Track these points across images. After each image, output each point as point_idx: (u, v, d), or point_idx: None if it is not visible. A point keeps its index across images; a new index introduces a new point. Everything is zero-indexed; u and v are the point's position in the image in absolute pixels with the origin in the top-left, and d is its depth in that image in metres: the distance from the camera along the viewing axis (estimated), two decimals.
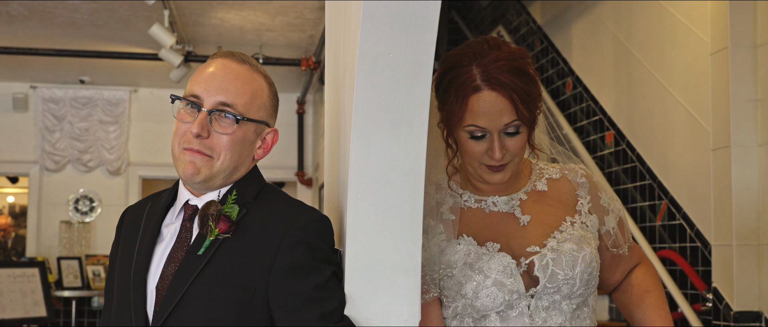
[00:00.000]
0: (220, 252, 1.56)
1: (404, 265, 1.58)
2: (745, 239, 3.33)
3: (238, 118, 1.58)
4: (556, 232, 1.74)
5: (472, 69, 1.68)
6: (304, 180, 8.62)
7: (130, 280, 1.61)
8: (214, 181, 1.61)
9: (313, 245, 1.55)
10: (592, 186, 1.84)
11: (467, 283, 1.69)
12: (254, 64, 1.65)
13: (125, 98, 8.44)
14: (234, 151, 1.59)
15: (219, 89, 1.58)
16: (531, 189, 1.81)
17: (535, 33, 5.66)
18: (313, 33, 6.50)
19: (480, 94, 1.66)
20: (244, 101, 1.59)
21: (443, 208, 1.77)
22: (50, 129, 8.28)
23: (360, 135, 1.57)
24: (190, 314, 1.53)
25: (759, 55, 3.37)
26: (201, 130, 1.57)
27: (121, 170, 8.41)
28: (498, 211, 1.77)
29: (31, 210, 8.32)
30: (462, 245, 1.72)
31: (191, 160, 1.58)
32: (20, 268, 6.75)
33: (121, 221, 1.77)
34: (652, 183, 4.07)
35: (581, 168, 1.87)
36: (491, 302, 1.67)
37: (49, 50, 6.77)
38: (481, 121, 1.67)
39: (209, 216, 1.56)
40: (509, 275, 1.68)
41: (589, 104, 4.82)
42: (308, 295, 1.52)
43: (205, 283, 1.54)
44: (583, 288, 1.72)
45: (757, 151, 3.36)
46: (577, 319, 1.74)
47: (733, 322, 3.32)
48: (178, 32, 6.25)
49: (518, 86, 1.66)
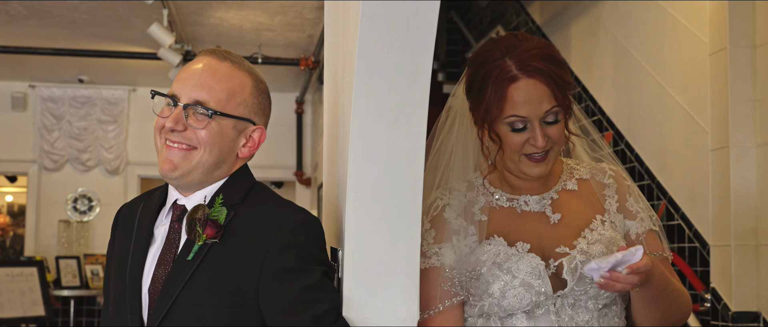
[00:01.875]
0: (209, 256, 1.55)
1: (402, 265, 1.58)
2: (744, 240, 3.33)
3: (211, 113, 1.58)
4: (586, 231, 1.73)
5: (505, 61, 1.68)
6: (303, 179, 8.62)
7: (125, 284, 1.61)
8: (193, 175, 1.60)
9: (302, 248, 1.55)
10: (621, 187, 1.83)
11: (495, 283, 1.68)
12: (237, 61, 1.65)
13: (124, 97, 8.43)
14: (213, 145, 1.59)
15: (195, 86, 1.59)
16: (561, 188, 1.80)
17: (534, 33, 5.66)
18: (312, 33, 6.49)
19: (518, 84, 1.67)
20: (218, 97, 1.59)
21: (475, 207, 1.76)
22: (49, 128, 8.27)
23: (359, 134, 1.57)
24: (182, 320, 1.54)
25: (758, 55, 3.37)
26: (175, 124, 1.58)
27: (119, 169, 8.40)
28: (529, 210, 1.77)
29: (29, 209, 8.31)
30: (492, 245, 1.71)
31: (168, 157, 1.60)
32: (19, 268, 6.75)
33: (115, 220, 1.77)
34: (651, 183, 4.07)
35: (611, 168, 1.86)
36: (518, 302, 1.67)
37: (48, 49, 6.77)
38: (522, 110, 1.67)
39: (196, 221, 1.56)
40: (537, 277, 1.67)
41: (587, 104, 4.82)
42: (298, 298, 1.52)
43: (195, 289, 1.54)
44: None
45: (755, 152, 3.36)
46: (605, 318, 1.73)
47: (731, 323, 3.32)
48: (177, 32, 6.24)
49: (554, 72, 1.67)
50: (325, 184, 2.10)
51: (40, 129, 8.27)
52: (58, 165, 8.30)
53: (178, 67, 6.44)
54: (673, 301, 1.76)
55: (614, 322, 1.74)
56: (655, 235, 1.84)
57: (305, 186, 8.66)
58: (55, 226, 8.23)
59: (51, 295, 7.22)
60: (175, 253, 1.59)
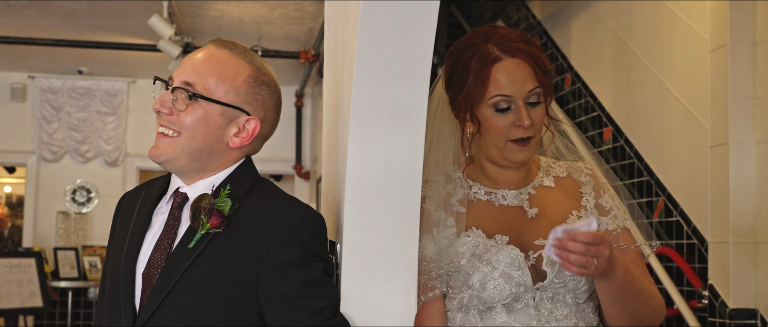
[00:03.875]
0: (210, 246, 1.55)
1: (401, 259, 1.58)
2: (742, 237, 3.33)
3: (192, 95, 1.58)
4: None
5: (486, 45, 1.71)
6: (302, 173, 8.62)
7: (120, 269, 1.61)
8: (179, 161, 1.60)
9: (305, 244, 1.55)
10: (596, 184, 1.84)
11: (474, 274, 1.68)
12: (237, 50, 1.64)
13: (123, 89, 8.42)
14: (196, 130, 1.58)
15: (186, 69, 1.60)
16: (539, 184, 1.81)
17: (535, 28, 5.66)
18: (312, 26, 6.49)
19: (501, 63, 1.70)
20: (206, 81, 1.59)
21: (453, 199, 1.77)
22: (48, 119, 8.27)
23: (358, 128, 1.57)
24: (178, 308, 1.53)
25: (758, 52, 3.37)
26: (161, 106, 1.60)
27: (118, 161, 8.40)
28: (507, 204, 1.78)
29: (28, 200, 8.31)
30: (471, 237, 1.72)
31: (156, 143, 1.62)
32: (17, 259, 6.75)
33: (117, 208, 1.77)
34: (650, 179, 4.07)
35: (587, 167, 1.88)
36: (498, 294, 1.67)
37: (48, 40, 6.76)
38: (507, 89, 1.69)
39: (201, 209, 1.55)
40: (517, 268, 1.68)
41: (587, 100, 4.81)
42: (298, 292, 1.52)
43: (193, 278, 1.53)
44: (588, 283, 1.72)
45: (754, 149, 3.36)
46: (583, 313, 1.74)
47: (728, 319, 3.32)
48: (177, 23, 6.23)
49: (535, 53, 1.71)
50: (324, 178, 2.10)
51: (39, 120, 8.26)
52: (57, 156, 8.30)
53: (178, 59, 6.43)
54: (642, 302, 1.74)
55: (590, 318, 1.75)
56: (629, 233, 1.84)
57: (304, 179, 8.66)
58: (53, 217, 8.23)
59: (49, 286, 7.22)
60: (173, 240, 1.59)
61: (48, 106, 8.26)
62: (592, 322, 1.76)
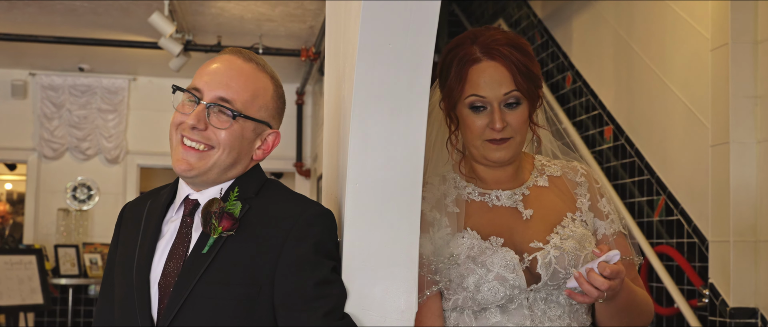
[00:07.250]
0: (224, 249, 1.55)
1: (402, 257, 1.58)
2: (743, 236, 3.34)
3: (235, 114, 1.58)
4: (558, 228, 1.75)
5: (471, 46, 1.75)
6: (303, 171, 8.62)
7: (132, 280, 1.60)
8: (209, 175, 1.60)
9: (318, 240, 1.56)
10: (591, 186, 1.85)
11: (469, 276, 1.69)
12: (261, 64, 1.65)
13: (124, 87, 8.42)
14: (232, 147, 1.59)
15: (220, 84, 1.58)
16: (533, 185, 1.82)
17: (536, 27, 5.65)
18: (313, 23, 6.48)
19: (479, 65, 1.73)
20: (243, 98, 1.59)
21: (447, 200, 1.78)
22: (49, 116, 8.27)
23: (359, 125, 1.57)
24: (197, 313, 1.53)
25: (759, 51, 3.37)
26: (197, 122, 1.57)
27: (119, 159, 8.40)
28: (501, 205, 1.78)
29: (28, 197, 8.31)
30: (466, 239, 1.73)
31: (184, 157, 1.58)
32: (17, 256, 6.75)
33: (120, 218, 1.76)
34: (651, 178, 4.07)
35: (583, 167, 1.88)
36: (492, 296, 1.68)
37: (49, 37, 6.75)
38: (481, 90, 1.72)
39: (212, 214, 1.55)
40: (511, 270, 1.69)
41: (588, 99, 4.81)
42: (312, 292, 1.52)
43: (210, 282, 1.53)
44: None
45: (755, 148, 3.36)
46: (576, 313, 1.75)
47: (729, 318, 3.33)
48: (178, 21, 6.23)
49: (516, 58, 1.72)
50: (325, 176, 2.10)
51: (39, 117, 8.26)
52: (58, 153, 8.30)
53: (179, 57, 6.44)
54: (637, 313, 1.79)
55: (583, 319, 1.77)
56: (624, 238, 1.86)
57: (305, 177, 8.66)
58: (54, 214, 8.23)
59: (49, 283, 7.22)
60: (188, 247, 1.59)
61: (49, 103, 8.26)
62: (585, 322, 1.78)
